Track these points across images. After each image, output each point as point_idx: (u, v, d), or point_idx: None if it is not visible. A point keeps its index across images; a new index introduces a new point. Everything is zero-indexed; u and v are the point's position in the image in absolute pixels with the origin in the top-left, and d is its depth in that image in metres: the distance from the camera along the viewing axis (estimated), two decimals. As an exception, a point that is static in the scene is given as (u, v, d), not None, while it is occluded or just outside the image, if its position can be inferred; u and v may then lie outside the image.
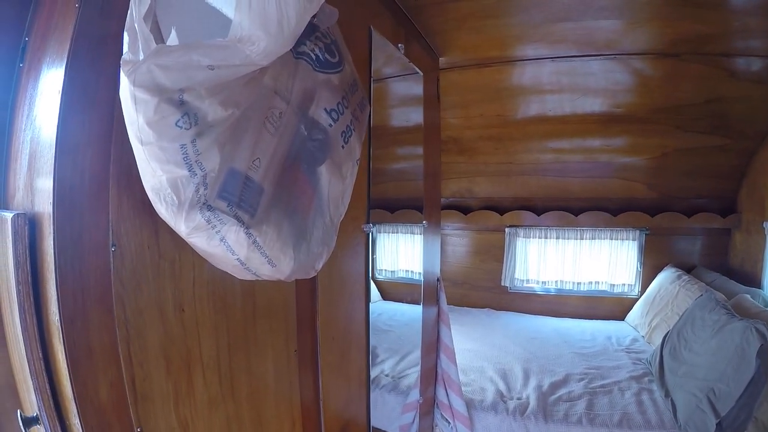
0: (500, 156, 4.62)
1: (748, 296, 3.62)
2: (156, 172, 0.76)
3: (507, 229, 5.21)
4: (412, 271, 5.27)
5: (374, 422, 2.02)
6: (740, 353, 2.59)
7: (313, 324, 1.50)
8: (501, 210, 5.06)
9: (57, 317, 0.86)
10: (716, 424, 2.51)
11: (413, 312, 3.43)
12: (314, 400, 1.54)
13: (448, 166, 4.66)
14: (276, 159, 0.92)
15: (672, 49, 2.95)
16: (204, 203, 0.80)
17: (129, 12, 0.70)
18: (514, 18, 2.54)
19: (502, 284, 5.31)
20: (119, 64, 0.85)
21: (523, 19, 2.55)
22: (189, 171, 0.76)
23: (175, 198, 0.78)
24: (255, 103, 0.86)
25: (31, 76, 1.08)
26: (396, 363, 3.46)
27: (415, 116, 2.86)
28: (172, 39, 0.75)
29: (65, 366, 0.88)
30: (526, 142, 4.47)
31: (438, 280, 2.98)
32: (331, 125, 1.04)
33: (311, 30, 0.92)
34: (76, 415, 0.89)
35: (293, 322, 1.44)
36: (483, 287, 5.38)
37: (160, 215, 0.86)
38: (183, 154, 0.75)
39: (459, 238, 5.44)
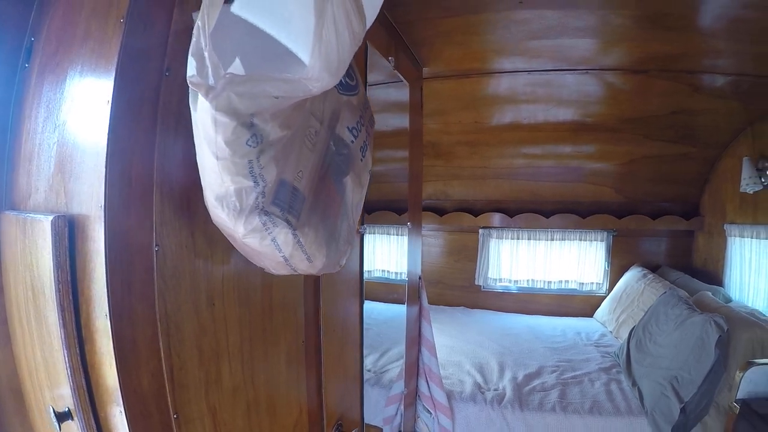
0: (475, 160, 4.77)
1: (709, 293, 3.83)
2: (224, 183, 0.88)
3: (481, 230, 5.36)
4: (388, 271, 5.37)
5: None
6: (701, 344, 2.77)
7: (317, 318, 1.61)
8: (475, 212, 5.21)
9: (106, 312, 0.91)
10: (680, 409, 2.66)
11: (390, 311, 3.57)
12: (317, 389, 1.65)
13: (426, 169, 4.71)
14: (313, 171, 1.04)
15: (641, 66, 3.12)
16: (262, 209, 0.92)
17: (194, 39, 0.78)
18: (495, 34, 2.68)
19: (476, 283, 5.47)
20: (160, 80, 0.97)
21: (503, 36, 2.69)
22: (254, 182, 0.88)
23: (237, 204, 0.89)
24: (300, 124, 0.98)
25: (47, 79, 1.13)
26: (377, 359, 3.57)
27: (393, 121, 2.97)
28: (236, 66, 0.84)
29: (111, 358, 0.93)
30: (501, 148, 4.62)
31: (420, 278, 3.08)
32: (352, 141, 1.17)
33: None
34: (121, 403, 0.94)
35: (302, 315, 1.53)
36: (457, 286, 5.53)
37: (217, 220, 0.97)
38: (249, 168, 0.87)
39: (434, 239, 5.58)
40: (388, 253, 5.41)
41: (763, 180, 3.79)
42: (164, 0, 1.00)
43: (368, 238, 5.26)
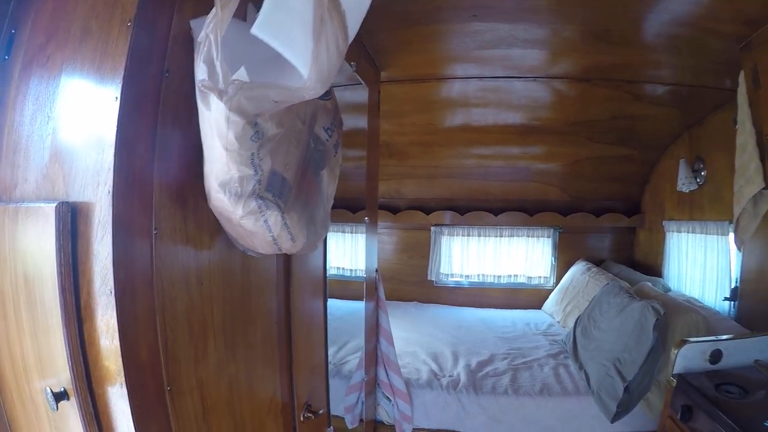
0: (428, 160, 4.90)
1: (649, 284, 4.08)
2: (230, 171, 1.03)
3: (432, 228, 5.52)
4: (343, 268, 5.48)
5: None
6: (640, 327, 2.96)
7: (287, 303, 1.71)
8: (427, 210, 5.35)
9: (111, 289, 0.98)
10: (624, 388, 2.85)
11: (347, 306, 3.68)
12: (288, 369, 1.74)
13: (380, 169, 4.86)
14: (298, 164, 1.20)
15: (584, 75, 3.30)
16: (258, 194, 1.07)
17: (206, 48, 0.93)
18: (449, 44, 2.82)
19: (429, 279, 5.64)
20: (161, 80, 1.08)
21: (457, 45, 2.82)
22: (254, 171, 1.04)
23: (239, 190, 1.05)
24: (289, 123, 1.14)
25: (35, 72, 1.18)
26: (336, 351, 3.69)
27: (350, 121, 3.07)
28: (241, 74, 0.96)
29: (114, 332, 1.00)
30: (453, 149, 4.76)
31: (377, 271, 3.20)
32: (327, 140, 1.34)
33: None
34: (122, 376, 1.00)
35: (274, 300, 1.63)
36: (411, 282, 5.67)
37: (217, 202, 1.10)
38: (251, 159, 1.03)
39: (388, 236, 5.70)
40: (343, 251, 5.52)
41: (698, 180, 4.07)
42: (166, 7, 1.09)
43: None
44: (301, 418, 1.83)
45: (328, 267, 2.18)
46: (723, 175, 2.66)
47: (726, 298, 3.67)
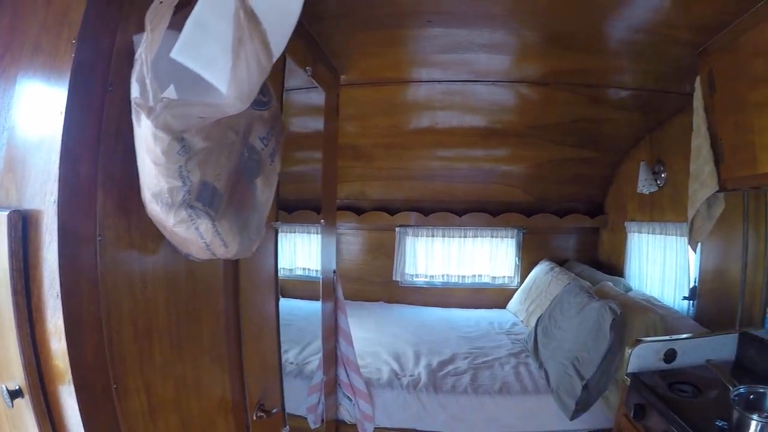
0: (392, 162, 4.91)
1: (611, 283, 4.15)
2: (160, 183, 1.07)
3: (397, 229, 5.54)
4: (308, 269, 5.46)
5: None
6: (597, 327, 3.01)
7: (236, 304, 1.73)
8: (392, 211, 5.37)
9: (58, 292, 1.02)
10: (583, 386, 2.90)
11: (311, 307, 3.66)
12: (239, 370, 1.76)
13: (345, 170, 4.88)
14: (230, 174, 1.24)
15: (542, 79, 3.34)
16: (188, 204, 1.11)
17: (138, 67, 0.98)
18: (408, 48, 2.84)
19: (394, 279, 5.64)
20: (104, 94, 1.12)
21: (415, 49, 2.86)
22: (182, 183, 1.09)
23: (170, 200, 1.09)
24: (219, 136, 1.18)
25: None
26: (299, 352, 3.69)
27: (313, 124, 3.06)
28: (170, 91, 1.03)
29: (61, 333, 1.03)
30: (417, 151, 4.77)
31: (334, 272, 3.20)
32: (262, 149, 1.37)
33: (252, 79, 1.22)
34: (69, 375, 1.04)
35: (222, 302, 1.66)
36: (376, 282, 5.67)
37: (152, 212, 1.14)
38: (179, 171, 1.07)
39: (353, 237, 5.71)
40: (308, 252, 5.50)
41: (658, 182, 4.14)
42: (110, 24, 1.13)
43: (290, 237, 5.32)
44: (254, 417, 1.84)
45: (287, 267, 2.18)
46: (682, 178, 2.72)
47: (685, 298, 3.71)
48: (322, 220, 3.03)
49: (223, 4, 0.99)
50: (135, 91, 0.99)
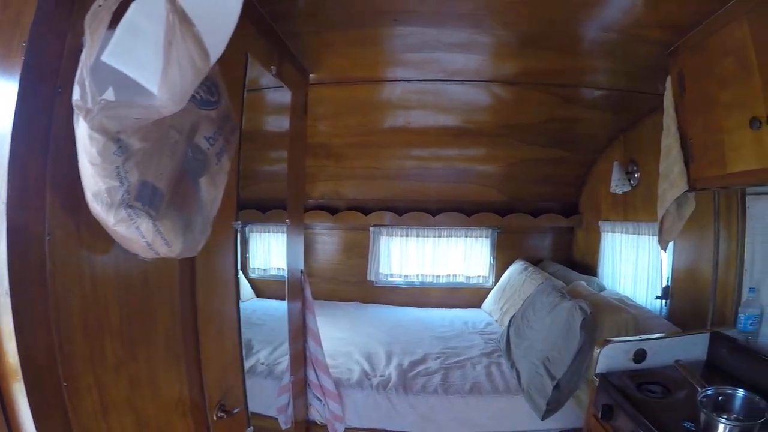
0: (366, 161, 4.90)
1: (584, 283, 4.16)
2: (98, 183, 1.08)
3: (371, 228, 5.54)
4: (283, 269, 5.41)
5: (253, 407, 2.21)
6: (568, 327, 3.02)
7: (193, 303, 1.71)
8: (366, 210, 5.37)
9: (7, 291, 1.02)
10: (554, 385, 2.91)
11: (285, 307, 3.65)
12: (197, 369, 1.74)
13: (318, 170, 4.92)
14: (172, 173, 1.24)
15: (514, 79, 3.34)
16: (127, 204, 1.11)
17: (79, 71, 0.99)
18: (375, 47, 2.81)
19: (368, 279, 5.63)
20: (54, 96, 1.11)
21: (384, 48, 2.84)
22: (120, 183, 1.09)
23: (109, 200, 1.09)
24: (160, 136, 1.18)
25: None
26: (270, 353, 3.66)
27: (287, 123, 3.05)
28: (109, 94, 1.04)
29: (11, 332, 1.03)
30: (390, 150, 4.75)
31: (302, 272, 3.20)
32: (208, 148, 1.37)
33: (198, 77, 1.23)
34: (20, 374, 1.04)
35: (178, 300, 1.64)
36: (351, 282, 5.66)
37: (94, 212, 1.13)
38: (117, 172, 1.08)
39: (328, 237, 5.70)
40: (283, 252, 5.44)
41: (631, 182, 4.18)
42: (59, 27, 1.12)
43: (264, 237, 5.27)
44: (215, 417, 1.82)
45: (261, 267, 2.14)
46: (655, 178, 2.72)
47: (658, 297, 3.73)
48: (287, 220, 3.04)
49: (154, 6, 1.00)
50: (76, 94, 1.00)
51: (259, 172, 4.47)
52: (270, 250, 5.44)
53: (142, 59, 1.01)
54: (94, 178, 1.08)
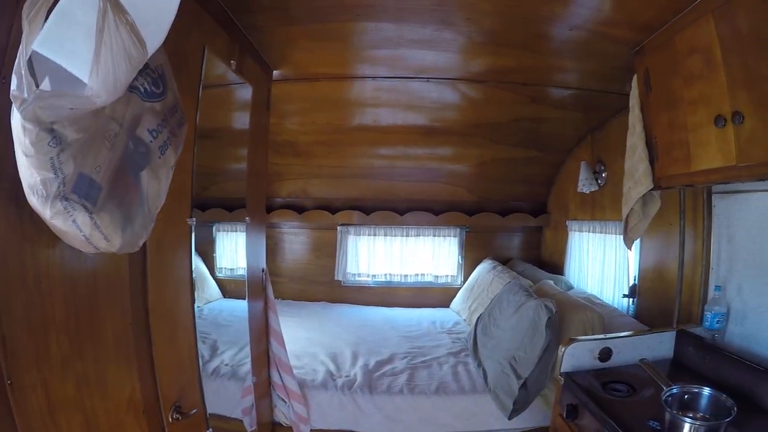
0: (333, 160, 4.86)
1: (551, 282, 4.18)
2: (33, 175, 1.06)
3: (339, 228, 5.50)
4: (246, 267, 5.38)
5: (217, 409, 2.17)
6: (533, 326, 3.02)
7: (144, 301, 1.67)
8: (333, 209, 5.35)
9: None
10: (521, 385, 2.91)
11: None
12: (150, 368, 1.70)
13: (285, 168, 4.89)
14: (111, 166, 1.21)
15: (481, 77, 3.33)
16: (63, 196, 1.09)
17: (17, 60, 0.97)
18: (339, 42, 2.78)
19: (336, 278, 5.59)
20: None
21: (348, 44, 2.81)
22: (55, 174, 1.07)
23: (44, 192, 1.07)
24: (98, 127, 1.16)
25: None
26: (235, 354, 3.60)
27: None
28: (46, 84, 0.99)
29: None
30: (357, 148, 4.73)
31: (263, 271, 3.16)
32: (151, 141, 1.34)
33: (142, 68, 1.18)
34: None
35: (128, 297, 1.60)
36: (318, 282, 5.63)
37: (31, 204, 1.10)
38: (51, 163, 1.06)
39: (295, 236, 5.66)
40: (252, 250, 5.41)
41: (599, 181, 4.21)
42: (5, 16, 1.12)
43: (231, 236, 5.20)
44: (170, 419, 1.78)
45: (228, 267, 2.09)
46: (622, 177, 2.74)
47: (625, 295, 3.76)
48: (247, 218, 3.00)
49: None
50: (13, 84, 0.99)
51: (225, 170, 4.42)
52: (237, 250, 5.36)
53: (73, 47, 0.99)
54: (29, 170, 1.06)
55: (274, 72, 3.14)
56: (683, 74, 2.20)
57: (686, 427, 1.79)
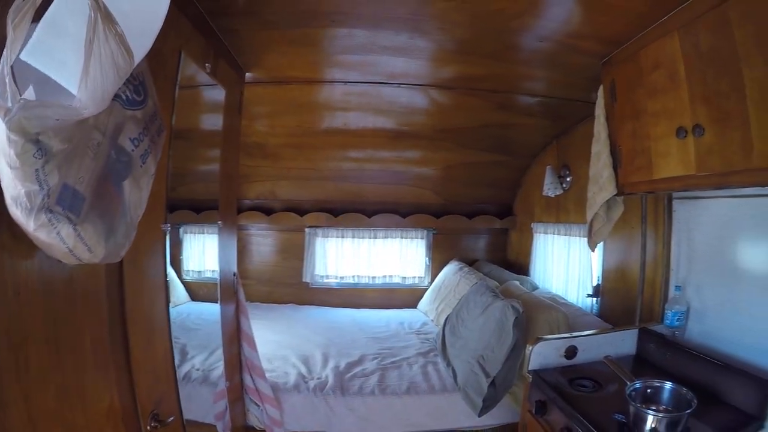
0: (302, 162, 4.86)
1: (517, 282, 4.25)
2: (17, 187, 1.04)
3: (307, 230, 5.51)
4: (219, 271, 5.34)
5: (190, 415, 2.15)
6: (501, 326, 3.08)
7: (122, 308, 1.65)
8: (302, 212, 5.34)
9: None
10: (490, 383, 2.97)
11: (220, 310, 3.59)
12: (128, 377, 1.68)
13: (254, 170, 4.87)
14: (94, 176, 1.19)
15: (452, 84, 3.37)
16: (47, 208, 1.07)
17: (1, 68, 0.93)
18: (313, 47, 2.79)
19: (304, 280, 5.59)
20: None
21: (320, 49, 2.82)
22: (40, 186, 1.05)
23: (28, 204, 1.05)
24: (82, 137, 1.14)
25: None
26: (206, 358, 3.56)
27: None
28: (30, 93, 0.98)
29: None
30: (326, 151, 4.73)
31: (235, 274, 3.15)
32: (133, 150, 1.32)
33: (125, 75, 1.19)
34: None
35: (105, 305, 1.58)
36: (287, 284, 5.62)
37: (14, 216, 1.08)
38: (36, 175, 1.04)
39: (263, 238, 5.64)
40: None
41: (563, 185, 4.31)
42: None
43: (198, 238, 5.16)
44: (148, 428, 1.77)
45: (196, 270, 2.08)
46: (586, 182, 2.82)
47: (589, 295, 3.87)
48: (219, 221, 2.98)
49: (77, 3, 0.98)
50: None
51: (194, 171, 4.37)
52: (205, 252, 5.31)
53: (63, 58, 0.99)
54: (14, 182, 1.04)
55: (246, 74, 3.14)
56: (648, 87, 2.29)
57: (650, 419, 1.86)
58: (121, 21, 1.02)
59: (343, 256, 5.74)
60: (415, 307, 5.62)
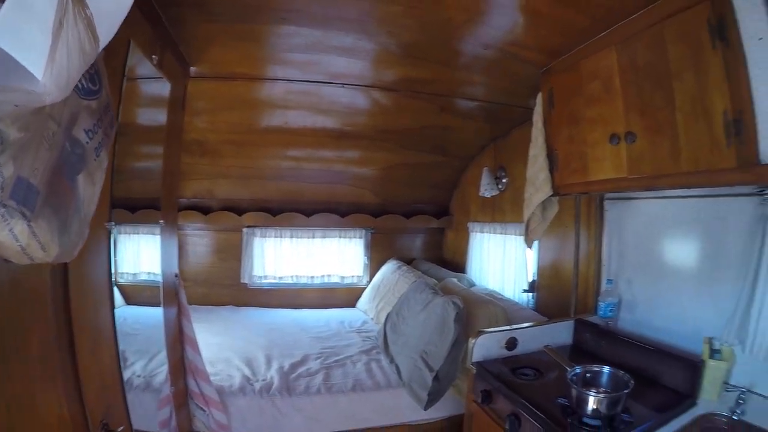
0: (241, 160, 4.81)
1: (455, 280, 4.39)
2: None
3: (245, 230, 5.46)
4: (155, 273, 5.20)
5: (133, 423, 2.11)
6: (442, 321, 3.17)
7: (67, 312, 1.57)
8: (239, 211, 5.29)
9: None
10: (434, 377, 3.04)
11: (158, 314, 3.50)
12: (75, 386, 1.61)
13: (192, 167, 4.78)
14: (48, 168, 1.12)
15: (394, 86, 3.41)
16: (1, 202, 1.00)
17: None
18: (260, 43, 2.76)
19: (242, 281, 5.54)
20: None
21: (268, 46, 2.79)
22: None
23: None
24: (38, 126, 1.08)
25: None
26: (146, 363, 3.48)
27: (163, 117, 2.90)
28: None
29: None
30: (267, 149, 4.69)
31: (177, 276, 3.12)
32: (87, 142, 1.27)
33: (81, 63, 1.13)
34: None
35: (50, 308, 1.50)
36: (224, 285, 5.54)
37: None
38: None
39: (199, 238, 5.53)
40: (155, 254, 5.25)
41: (500, 186, 4.46)
42: None
43: (133, 239, 5.05)
44: None
45: (131, 272, 2.03)
46: (522, 182, 2.95)
47: (525, 291, 4.04)
48: (161, 220, 2.94)
49: None
50: None
51: (131, 168, 4.24)
52: (140, 253, 5.17)
53: (30, 40, 0.91)
54: None
55: (191, 69, 3.09)
56: (585, 96, 2.43)
57: (591, 400, 1.98)
58: (91, 4, 0.98)
59: (281, 256, 5.71)
60: (354, 306, 5.67)
